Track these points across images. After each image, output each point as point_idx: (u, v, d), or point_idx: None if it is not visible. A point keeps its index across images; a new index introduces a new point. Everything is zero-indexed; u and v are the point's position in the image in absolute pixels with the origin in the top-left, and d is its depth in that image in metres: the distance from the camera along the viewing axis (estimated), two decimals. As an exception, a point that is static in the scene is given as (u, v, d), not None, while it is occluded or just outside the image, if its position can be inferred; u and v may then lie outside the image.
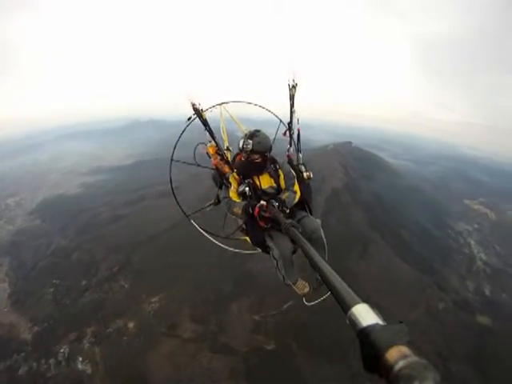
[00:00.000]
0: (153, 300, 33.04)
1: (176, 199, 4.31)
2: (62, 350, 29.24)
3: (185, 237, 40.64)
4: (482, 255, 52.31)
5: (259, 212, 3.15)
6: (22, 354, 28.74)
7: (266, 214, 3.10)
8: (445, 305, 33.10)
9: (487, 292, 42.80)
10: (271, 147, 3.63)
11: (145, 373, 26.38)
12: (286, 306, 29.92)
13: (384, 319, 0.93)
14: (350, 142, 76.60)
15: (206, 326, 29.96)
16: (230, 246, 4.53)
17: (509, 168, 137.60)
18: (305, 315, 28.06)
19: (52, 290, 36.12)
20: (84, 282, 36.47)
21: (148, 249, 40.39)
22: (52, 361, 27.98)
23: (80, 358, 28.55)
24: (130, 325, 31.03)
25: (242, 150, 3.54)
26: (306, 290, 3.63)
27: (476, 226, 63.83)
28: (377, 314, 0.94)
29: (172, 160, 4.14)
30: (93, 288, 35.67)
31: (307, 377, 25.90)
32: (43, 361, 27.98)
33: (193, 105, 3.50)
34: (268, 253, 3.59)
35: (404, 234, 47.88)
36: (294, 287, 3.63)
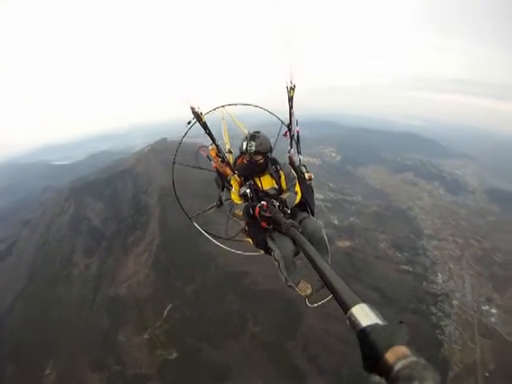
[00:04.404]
0: (47, 372, 28.25)
1: (179, 202, 4.06)
2: None
3: (43, 288, 35.34)
4: (319, 195, 56.50)
5: (260, 212, 2.97)
6: None
7: (267, 214, 2.91)
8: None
9: (336, 222, 47.82)
10: (272, 148, 3.55)
11: None
12: (165, 313, 25.34)
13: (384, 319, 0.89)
14: (165, 139, 70.31)
15: (109, 368, 26.33)
16: (232, 248, 4.15)
17: (320, 119, 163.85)
18: (187, 311, 24.04)
19: None
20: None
21: (15, 317, 32.92)
22: None
23: None
24: (41, 411, 27.12)
25: (244, 151, 3.42)
26: (309, 291, 3.42)
27: (305, 174, 73.98)
28: (376, 314, 0.90)
29: (174, 163, 4.02)
30: (-15, 392, 30.22)
31: (222, 362, 24.34)
32: None
33: (192, 109, 3.40)
34: (270, 254, 3.38)
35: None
36: (296, 289, 3.42)
